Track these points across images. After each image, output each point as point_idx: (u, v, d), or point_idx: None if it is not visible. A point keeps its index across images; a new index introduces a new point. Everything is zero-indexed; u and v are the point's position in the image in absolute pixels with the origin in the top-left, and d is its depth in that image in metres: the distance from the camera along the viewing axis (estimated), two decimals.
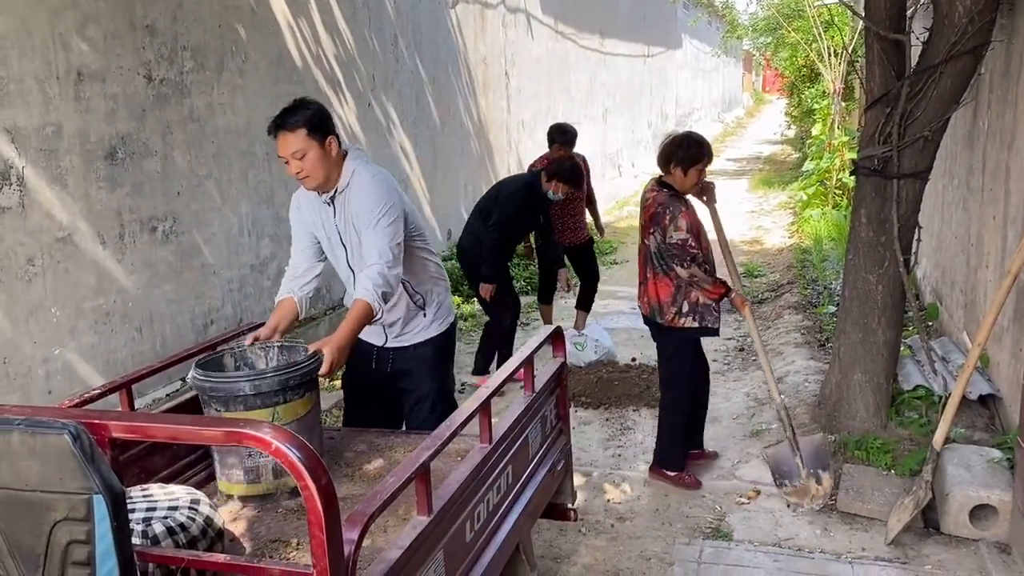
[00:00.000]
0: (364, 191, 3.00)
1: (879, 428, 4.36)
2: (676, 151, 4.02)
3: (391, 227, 2.97)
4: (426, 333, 3.33)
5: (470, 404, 2.29)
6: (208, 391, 2.59)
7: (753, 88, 43.85)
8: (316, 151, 2.95)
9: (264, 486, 2.61)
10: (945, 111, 4.05)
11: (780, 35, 15.57)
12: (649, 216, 4.02)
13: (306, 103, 3.03)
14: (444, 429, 2.09)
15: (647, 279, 4.10)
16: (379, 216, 2.95)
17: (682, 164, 4.00)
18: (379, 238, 2.94)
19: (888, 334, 4.36)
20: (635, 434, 4.89)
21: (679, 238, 3.90)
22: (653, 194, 4.06)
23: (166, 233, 5.09)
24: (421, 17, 8.34)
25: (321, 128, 2.98)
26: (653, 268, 4.05)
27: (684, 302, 4.00)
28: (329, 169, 3.01)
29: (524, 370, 2.71)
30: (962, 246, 5.44)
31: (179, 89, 5.16)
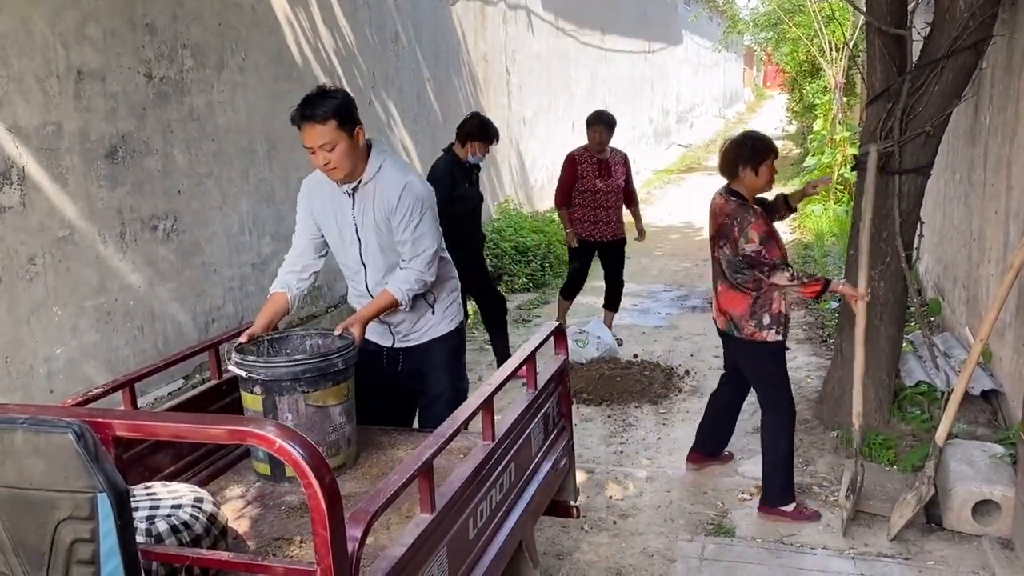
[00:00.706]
0: (403, 191, 2.98)
1: (881, 424, 4.36)
2: (741, 151, 3.74)
3: (432, 232, 3.03)
4: (435, 331, 3.30)
5: (473, 401, 2.29)
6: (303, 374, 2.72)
7: (754, 83, 43.80)
8: (345, 143, 2.90)
9: (341, 458, 2.82)
10: (947, 106, 4.04)
11: (781, 30, 15.55)
12: (717, 228, 3.79)
13: (332, 92, 2.95)
14: (447, 427, 2.09)
15: (719, 291, 3.90)
16: (420, 217, 2.99)
17: (752, 163, 3.71)
18: (419, 241, 3.00)
19: (890, 330, 4.35)
20: (637, 431, 4.89)
21: (752, 250, 3.63)
22: (720, 204, 3.79)
23: (167, 232, 5.09)
24: (422, 14, 8.34)
25: (350, 119, 2.93)
26: (725, 281, 3.83)
27: (764, 314, 3.74)
28: (356, 160, 2.98)
29: (526, 367, 2.71)
30: (964, 241, 5.43)
31: (179, 87, 5.15)
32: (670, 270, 9.23)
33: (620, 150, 6.43)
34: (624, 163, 6.32)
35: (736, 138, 3.89)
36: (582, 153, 6.28)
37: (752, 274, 3.70)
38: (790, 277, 3.70)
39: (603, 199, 6.18)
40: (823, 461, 4.29)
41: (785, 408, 3.87)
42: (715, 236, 3.82)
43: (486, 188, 9.85)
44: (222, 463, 2.97)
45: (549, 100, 12.58)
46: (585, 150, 6.27)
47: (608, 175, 6.19)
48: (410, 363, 3.34)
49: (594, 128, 6.17)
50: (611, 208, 6.23)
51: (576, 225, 6.27)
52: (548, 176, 12.11)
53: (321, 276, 6.70)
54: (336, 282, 6.90)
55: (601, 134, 6.13)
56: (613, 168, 6.22)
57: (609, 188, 6.17)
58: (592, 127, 6.19)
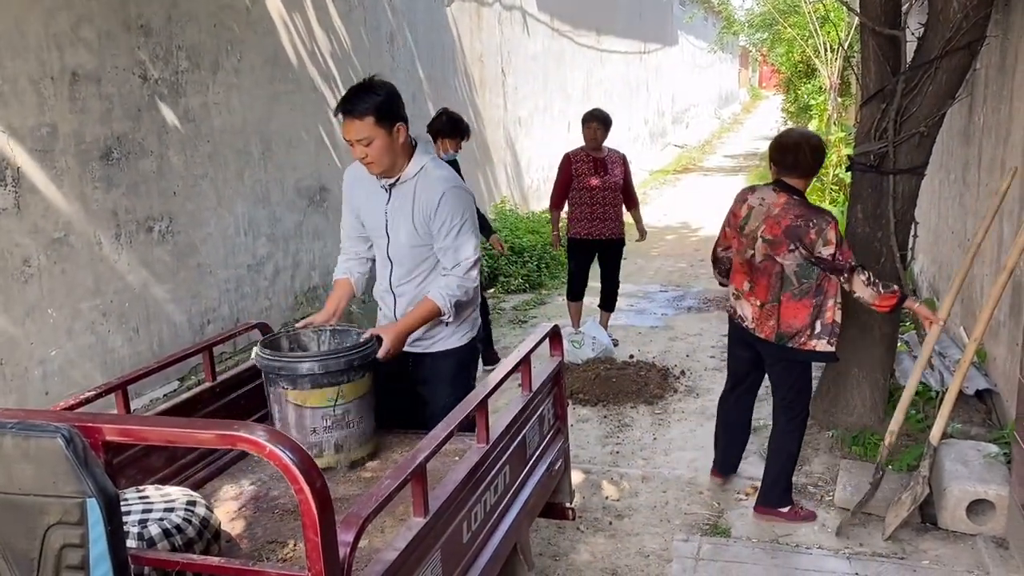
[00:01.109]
0: (445, 197, 2.95)
1: (876, 423, 4.36)
2: (820, 156, 3.60)
3: (472, 238, 2.99)
4: (446, 343, 3.21)
5: (467, 403, 2.29)
6: (276, 370, 2.75)
7: (750, 84, 43.85)
8: (383, 139, 2.89)
9: (324, 461, 2.78)
10: (941, 107, 4.05)
11: (776, 31, 15.57)
12: (784, 230, 3.48)
13: (375, 87, 2.92)
14: (440, 430, 2.09)
15: (778, 301, 3.56)
16: (461, 224, 2.95)
17: (817, 171, 3.63)
18: (461, 248, 2.96)
19: (885, 329, 4.36)
20: (633, 431, 4.89)
21: (830, 252, 3.43)
22: (783, 202, 3.52)
23: (162, 233, 5.08)
24: (417, 15, 8.33)
25: (390, 116, 2.90)
26: (791, 289, 3.54)
27: (818, 322, 3.56)
28: (395, 157, 2.97)
29: (522, 369, 2.71)
30: (958, 241, 5.44)
31: (174, 89, 5.15)
32: (666, 271, 9.23)
33: (618, 150, 6.41)
34: (623, 163, 6.30)
35: (817, 138, 3.66)
36: (577, 152, 6.28)
37: (817, 279, 3.51)
38: (866, 281, 3.46)
39: (600, 196, 6.17)
40: (818, 461, 4.29)
41: (803, 415, 3.79)
42: (777, 239, 3.50)
43: (481, 188, 9.85)
44: (216, 466, 2.96)
45: (545, 101, 12.58)
46: (581, 149, 6.27)
47: (604, 172, 6.17)
48: (420, 370, 3.28)
49: (589, 125, 6.17)
50: (608, 205, 6.20)
51: (574, 224, 6.26)
52: (544, 177, 12.11)
53: (319, 277, 6.74)
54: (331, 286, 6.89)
55: (595, 131, 6.13)
56: (610, 166, 6.20)
57: (606, 185, 6.15)
58: (587, 124, 6.19)
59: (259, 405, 3.30)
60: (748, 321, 3.69)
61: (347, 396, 2.81)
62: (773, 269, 3.55)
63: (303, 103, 6.44)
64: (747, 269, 3.65)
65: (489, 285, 8.36)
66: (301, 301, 6.47)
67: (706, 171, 18.26)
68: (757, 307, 3.63)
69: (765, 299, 3.60)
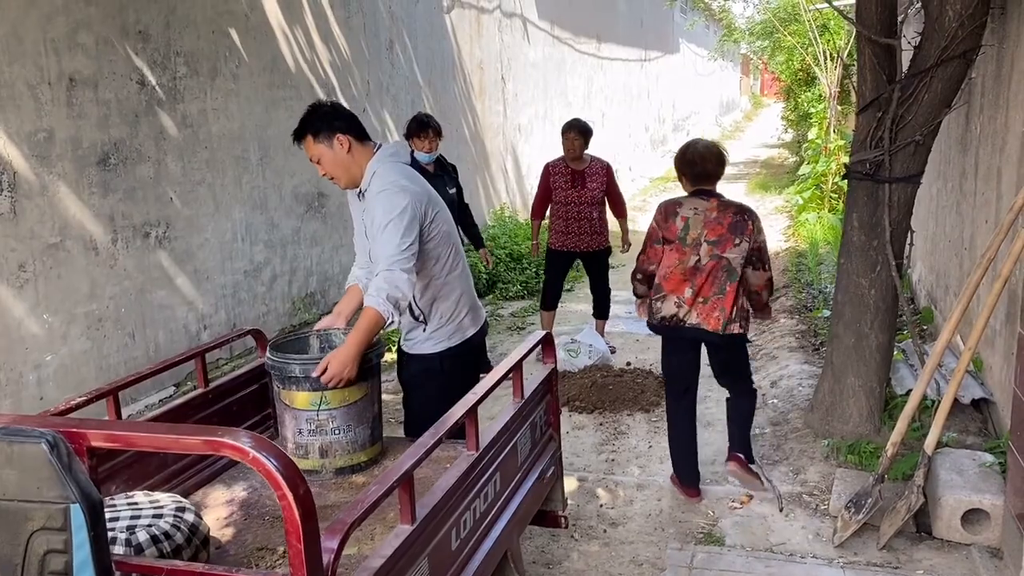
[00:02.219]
0: (374, 201, 2.97)
1: (872, 432, 4.35)
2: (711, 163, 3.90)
3: (395, 230, 2.88)
4: (420, 347, 3.21)
5: (457, 410, 2.28)
6: (271, 368, 2.86)
7: (751, 92, 43.91)
8: (328, 154, 3.01)
9: (310, 463, 2.83)
10: (936, 115, 4.05)
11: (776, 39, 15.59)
12: (728, 227, 3.79)
13: (312, 108, 3.06)
14: (428, 437, 2.08)
15: (723, 293, 3.82)
16: (387, 223, 2.89)
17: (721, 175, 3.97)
18: (385, 244, 2.88)
19: (881, 338, 4.35)
20: (629, 439, 4.88)
21: (762, 240, 3.89)
22: (717, 205, 3.83)
23: (159, 239, 5.09)
24: (416, 22, 8.35)
25: (324, 130, 3.00)
26: (734, 280, 3.81)
27: (737, 308, 3.90)
28: (349, 167, 3.02)
29: (513, 376, 2.71)
30: (955, 250, 5.44)
31: (172, 95, 5.16)
32: None
33: (601, 159, 6.25)
34: (605, 173, 6.16)
35: (719, 147, 4.01)
36: (557, 164, 6.15)
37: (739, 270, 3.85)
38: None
39: (575, 211, 6.07)
40: (814, 469, 4.27)
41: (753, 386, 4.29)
42: (723, 237, 3.79)
43: (480, 195, 9.86)
44: (209, 472, 2.96)
45: (545, 108, 12.60)
46: (560, 160, 6.15)
47: (582, 186, 6.05)
48: (403, 371, 3.35)
49: (567, 135, 6.05)
50: (584, 220, 6.09)
51: (552, 234, 6.21)
52: None
53: (316, 283, 6.75)
54: (329, 290, 6.90)
55: (573, 141, 6.00)
56: (589, 179, 6.07)
57: (582, 199, 6.03)
58: (565, 135, 6.07)
59: (252, 411, 3.30)
60: (694, 319, 3.91)
61: (331, 402, 2.80)
62: (719, 265, 3.83)
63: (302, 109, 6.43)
64: (689, 275, 3.87)
65: (487, 292, 8.37)
66: (299, 307, 6.47)
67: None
68: (702, 304, 3.88)
69: (709, 294, 3.86)
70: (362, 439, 2.90)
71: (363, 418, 2.89)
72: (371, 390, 2.94)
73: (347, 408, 2.83)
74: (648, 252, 3.99)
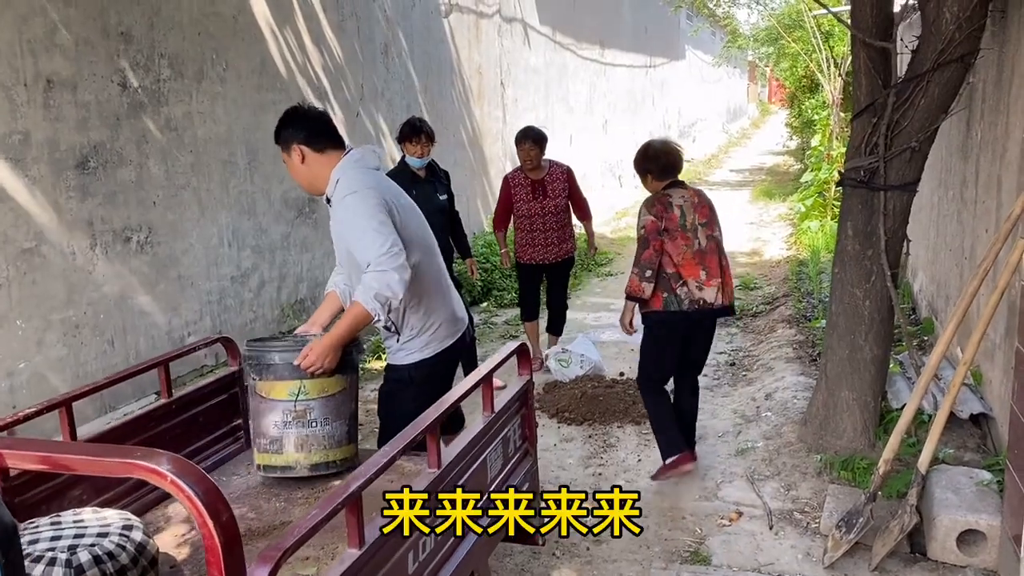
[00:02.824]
0: (340, 207, 2.90)
1: (866, 448, 4.22)
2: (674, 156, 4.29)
3: (377, 236, 2.79)
4: (393, 358, 3.16)
5: (417, 424, 2.17)
6: (248, 359, 2.86)
7: (759, 99, 43.75)
8: (289, 163, 3.03)
9: (284, 458, 2.81)
10: (933, 121, 3.93)
11: (781, 45, 15.47)
12: (710, 210, 4.19)
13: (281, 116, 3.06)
14: (381, 456, 1.97)
15: (723, 269, 4.15)
16: (363, 226, 2.82)
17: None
18: (368, 249, 2.80)
19: (876, 350, 4.22)
20: (618, 452, 4.76)
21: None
22: (692, 193, 4.20)
23: (141, 244, 5.00)
24: (413, 26, 8.26)
25: (283, 140, 3.01)
26: (724, 256, 4.20)
27: None
28: (307, 176, 3.01)
29: (483, 389, 2.59)
30: (956, 260, 5.31)
31: (156, 97, 5.07)
32: None
33: (560, 163, 6.07)
34: (566, 178, 5.99)
35: (674, 144, 4.38)
36: (516, 176, 5.97)
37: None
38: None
39: (539, 223, 5.90)
40: (806, 486, 4.14)
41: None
42: (710, 219, 4.16)
43: (478, 201, 9.76)
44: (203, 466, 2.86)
45: (546, 114, 12.50)
46: (519, 171, 5.97)
47: (544, 196, 5.89)
48: (383, 381, 3.28)
49: (521, 147, 5.84)
50: (549, 231, 5.93)
51: (519, 247, 6.04)
52: None
53: (307, 290, 6.64)
54: (320, 296, 6.80)
55: (528, 152, 5.80)
56: (550, 187, 5.92)
57: (545, 210, 5.87)
58: (520, 145, 5.85)
59: (220, 422, 3.20)
60: (711, 300, 4.09)
61: (309, 392, 2.79)
62: (714, 245, 4.13)
63: None
64: (698, 259, 4.07)
65: (482, 299, 8.26)
66: (288, 314, 6.37)
67: (711, 185, 18.13)
68: (716, 283, 4.10)
69: (716, 272, 4.10)
70: (339, 435, 2.86)
71: (341, 413, 2.87)
72: (349, 386, 2.93)
73: (325, 400, 2.82)
74: (652, 247, 4.04)
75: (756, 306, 7.87)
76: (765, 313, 7.56)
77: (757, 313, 7.63)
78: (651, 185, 4.24)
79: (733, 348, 6.65)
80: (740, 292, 8.53)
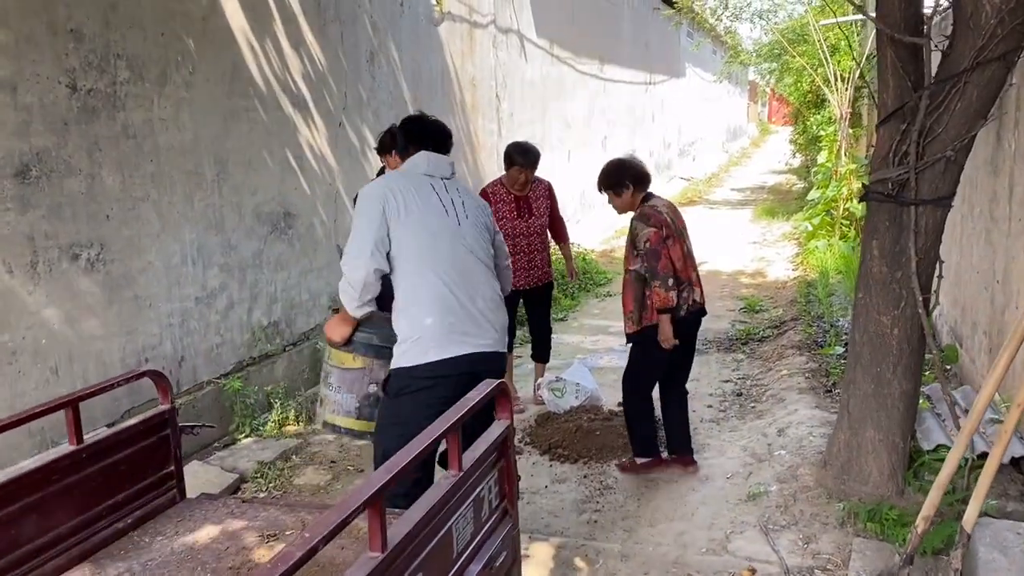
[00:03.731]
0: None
1: (895, 495, 3.75)
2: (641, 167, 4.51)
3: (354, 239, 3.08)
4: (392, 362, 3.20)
5: (353, 496, 1.70)
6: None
7: (759, 118, 43.47)
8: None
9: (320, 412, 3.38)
10: (970, 127, 3.48)
11: (784, 61, 15.08)
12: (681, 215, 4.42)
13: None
14: (298, 546, 1.50)
15: (697, 271, 4.37)
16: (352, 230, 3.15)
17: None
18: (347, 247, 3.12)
19: (905, 385, 3.76)
20: (615, 494, 4.28)
21: None
22: (666, 200, 4.43)
23: (91, 261, 4.54)
24: (402, 34, 7.85)
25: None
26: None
27: None
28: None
29: (448, 442, 2.13)
30: (985, 283, 4.86)
31: (111, 102, 4.63)
32: None
33: (543, 179, 5.61)
34: (548, 195, 5.55)
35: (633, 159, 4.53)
36: (497, 189, 5.47)
37: None
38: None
39: (523, 243, 5.40)
40: (827, 538, 3.66)
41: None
42: (684, 223, 4.40)
43: None
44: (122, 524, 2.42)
45: (543, 129, 12.10)
46: (500, 184, 5.48)
47: (529, 214, 5.43)
48: None
49: (515, 165, 5.30)
50: (534, 252, 5.46)
51: None
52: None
53: (281, 311, 6.19)
54: (296, 318, 6.35)
55: (523, 173, 5.30)
56: (535, 204, 5.47)
57: (531, 229, 5.41)
58: (512, 163, 5.32)
59: (147, 470, 2.73)
60: (699, 300, 4.32)
61: (331, 359, 3.31)
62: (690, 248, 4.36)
63: (267, 122, 5.93)
64: (690, 261, 4.30)
65: None
66: (259, 337, 5.90)
67: (712, 204, 17.73)
68: (699, 283, 4.35)
69: (696, 275, 4.36)
70: (348, 406, 3.25)
71: (353, 388, 3.23)
72: (369, 368, 3.22)
73: (342, 371, 3.25)
74: (663, 256, 4.10)
75: (763, 330, 7.40)
76: (773, 338, 7.09)
77: (764, 338, 7.16)
78: (630, 198, 4.32)
79: (740, 376, 6.18)
80: (745, 315, 8.07)
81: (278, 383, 5.82)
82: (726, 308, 8.34)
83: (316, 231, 6.55)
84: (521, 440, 5.04)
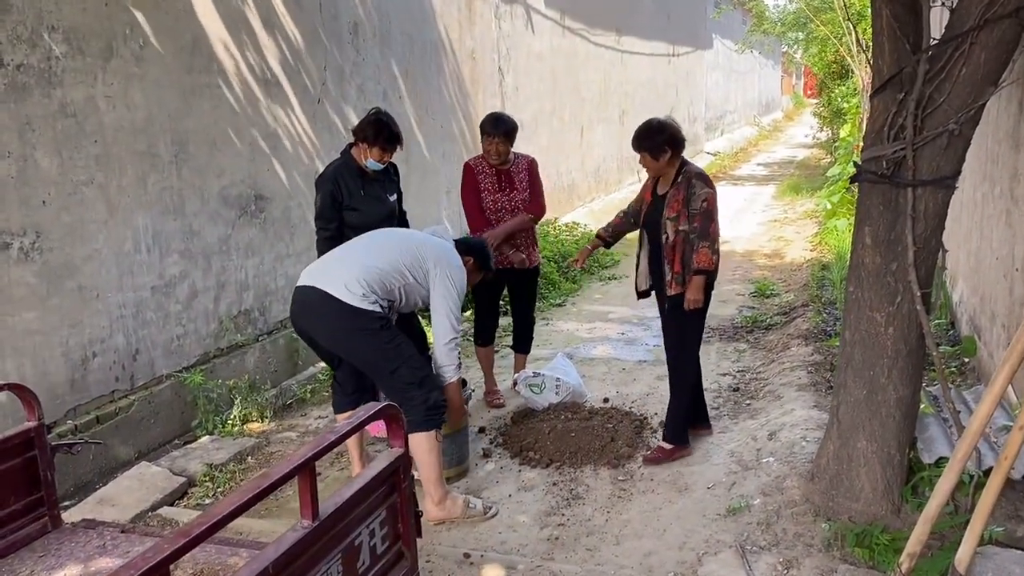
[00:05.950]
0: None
1: (890, 514, 3.32)
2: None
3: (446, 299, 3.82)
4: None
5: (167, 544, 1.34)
6: None
7: (793, 91, 42.32)
8: None
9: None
10: (978, 96, 3.00)
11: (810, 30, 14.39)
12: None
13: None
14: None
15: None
16: None
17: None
18: None
19: (901, 390, 3.32)
20: (584, 506, 3.90)
21: None
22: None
23: (25, 250, 4.24)
24: (389, 4, 7.44)
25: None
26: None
27: None
28: None
29: (299, 484, 1.76)
30: (1004, 270, 4.37)
31: (45, 78, 4.30)
32: None
33: (525, 155, 5.31)
34: (528, 170, 5.23)
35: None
36: (479, 163, 5.19)
37: None
38: None
39: (506, 218, 5.09)
40: (810, 563, 3.23)
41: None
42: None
43: None
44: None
45: (553, 104, 11.63)
46: (480, 159, 5.19)
47: (511, 188, 5.13)
48: None
49: (488, 137, 5.01)
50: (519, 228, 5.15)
51: None
52: (550, 186, 11.11)
53: (253, 299, 5.87)
54: (271, 305, 6.03)
55: (497, 146, 5.00)
56: (517, 179, 5.16)
57: (513, 204, 5.11)
58: (486, 135, 5.04)
59: (9, 497, 2.41)
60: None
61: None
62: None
63: (234, 100, 5.58)
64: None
65: (466, 307, 7.41)
66: (227, 327, 5.58)
67: (736, 180, 17.15)
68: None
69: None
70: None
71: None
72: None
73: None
74: (716, 219, 4.14)
75: (771, 317, 6.94)
76: (780, 326, 6.63)
77: (771, 326, 6.70)
78: (667, 163, 4.15)
79: (739, 368, 5.75)
80: (755, 300, 7.61)
81: (244, 376, 5.51)
82: (735, 292, 7.87)
83: (292, 214, 6.20)
84: (492, 442, 4.68)
